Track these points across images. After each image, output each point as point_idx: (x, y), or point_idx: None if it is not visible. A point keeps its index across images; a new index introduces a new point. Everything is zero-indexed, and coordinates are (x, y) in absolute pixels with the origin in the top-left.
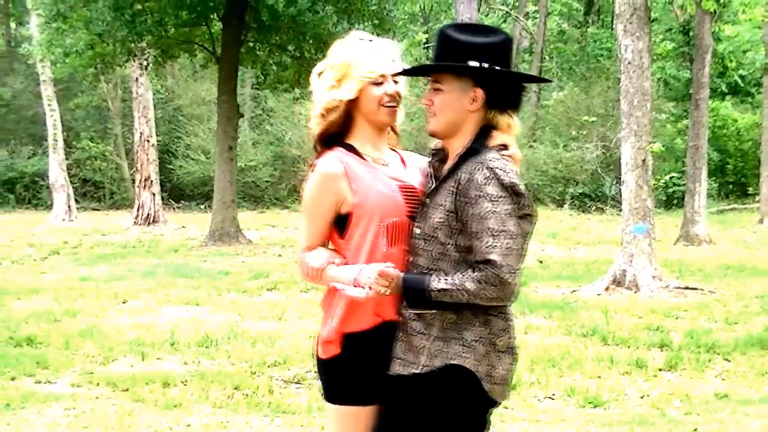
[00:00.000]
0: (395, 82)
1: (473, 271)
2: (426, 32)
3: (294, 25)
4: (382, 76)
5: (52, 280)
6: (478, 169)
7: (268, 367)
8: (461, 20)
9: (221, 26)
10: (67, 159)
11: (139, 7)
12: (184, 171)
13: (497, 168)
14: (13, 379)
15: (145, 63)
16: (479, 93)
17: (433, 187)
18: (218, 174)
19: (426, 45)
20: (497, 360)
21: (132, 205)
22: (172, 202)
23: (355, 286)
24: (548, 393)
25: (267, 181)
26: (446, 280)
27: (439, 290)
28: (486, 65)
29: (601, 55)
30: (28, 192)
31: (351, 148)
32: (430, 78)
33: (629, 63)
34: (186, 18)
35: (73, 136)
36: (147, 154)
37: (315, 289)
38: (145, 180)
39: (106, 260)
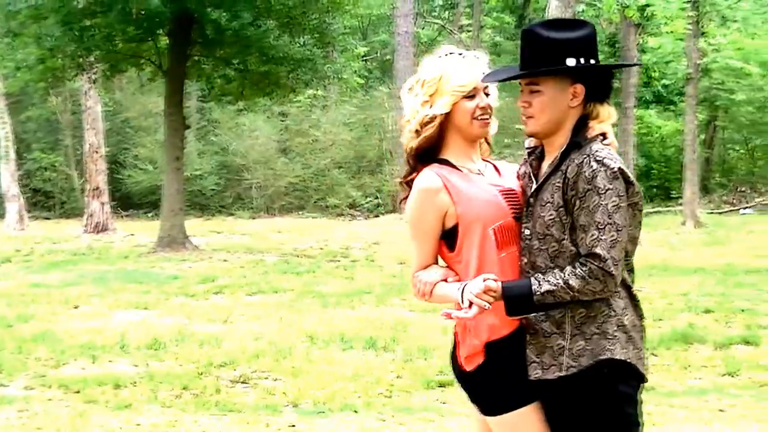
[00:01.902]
0: (486, 94)
1: (577, 267)
2: (365, 46)
3: (237, 39)
4: (474, 89)
5: (5, 287)
6: (586, 162)
7: (215, 367)
8: (403, 33)
9: (168, 41)
10: (18, 170)
11: (88, 23)
12: (133, 180)
13: (605, 158)
14: None
15: (94, 77)
16: (580, 89)
17: (537, 185)
18: (166, 183)
19: (365, 58)
20: (635, 339)
21: (82, 214)
22: (121, 210)
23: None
24: None
25: (212, 190)
26: (548, 281)
27: (544, 293)
28: (583, 61)
29: None
30: None
31: (446, 162)
32: (522, 81)
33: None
34: (133, 33)
35: (24, 148)
36: (96, 165)
37: (261, 292)
38: (95, 189)
39: (58, 267)
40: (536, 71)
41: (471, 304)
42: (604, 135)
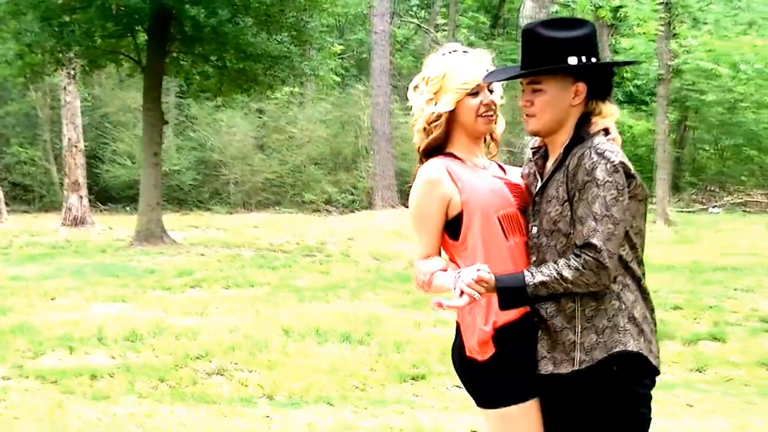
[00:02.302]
0: (490, 91)
1: (571, 258)
2: (342, 44)
3: (215, 36)
4: (478, 86)
5: None
6: (587, 155)
7: (192, 359)
8: (380, 32)
9: (146, 37)
10: None
11: (67, 18)
12: (111, 175)
13: (606, 151)
14: None
15: (73, 72)
16: (582, 87)
17: (542, 183)
18: (144, 178)
19: (341, 56)
20: (646, 331)
21: (60, 207)
22: (100, 204)
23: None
24: (456, 382)
25: (190, 185)
26: (541, 272)
27: (537, 284)
28: (584, 59)
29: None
30: None
31: (451, 155)
32: (524, 80)
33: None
34: (112, 29)
35: (3, 142)
36: (75, 159)
37: (238, 286)
38: (73, 183)
39: (36, 260)
40: (538, 70)
41: (462, 293)
42: (606, 130)
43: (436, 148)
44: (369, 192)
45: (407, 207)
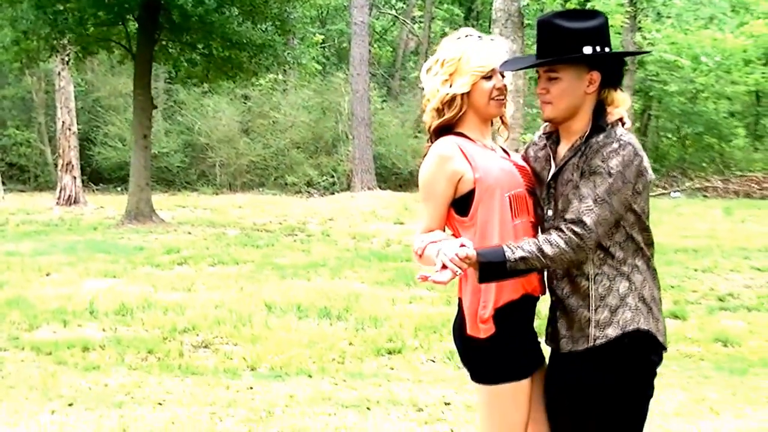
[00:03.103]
0: (502, 75)
1: (553, 233)
2: (323, 34)
3: (202, 25)
4: (492, 70)
5: None
6: (608, 144)
7: (179, 333)
8: (359, 23)
9: (137, 26)
10: None
11: (61, 7)
12: (103, 157)
13: (627, 144)
14: None
15: (66, 58)
16: (596, 76)
17: (558, 167)
18: (134, 160)
19: (323, 45)
20: (654, 310)
21: (55, 187)
22: (92, 184)
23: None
24: (430, 356)
25: (178, 167)
26: (521, 248)
27: (516, 259)
28: (599, 49)
29: None
30: None
31: (462, 135)
32: (540, 68)
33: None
34: (104, 18)
35: (0, 124)
36: (68, 141)
37: (223, 263)
38: (67, 164)
39: (31, 237)
40: (556, 59)
41: (444, 266)
42: (621, 120)
43: (446, 128)
44: (348, 175)
45: (384, 189)
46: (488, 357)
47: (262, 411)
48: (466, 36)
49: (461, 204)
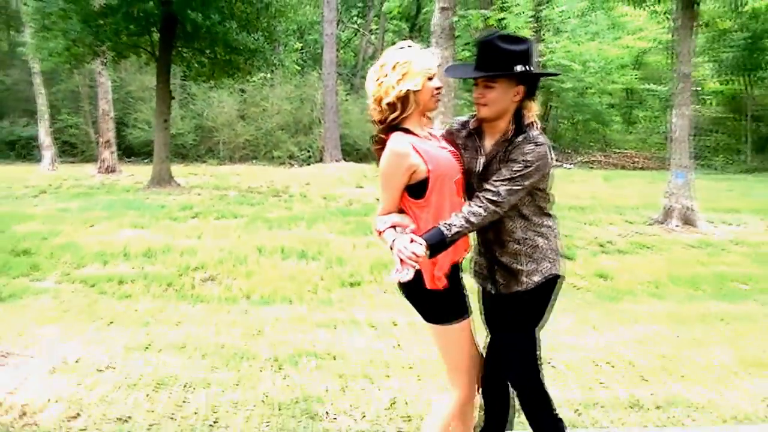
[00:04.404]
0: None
1: (474, 204)
2: (301, 42)
3: (209, 34)
4: (433, 73)
5: (41, 211)
6: (526, 142)
7: (191, 270)
8: (329, 34)
9: (159, 35)
10: (51, 127)
11: (101, 21)
12: (133, 136)
13: (541, 144)
14: (15, 278)
15: (105, 60)
16: (522, 89)
17: (487, 159)
18: (157, 138)
19: (301, 51)
20: (560, 257)
21: (97, 159)
22: (125, 157)
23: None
24: (382, 288)
25: (191, 144)
26: (453, 224)
27: (453, 234)
28: (526, 68)
29: None
30: (25, 150)
31: (407, 131)
32: (478, 80)
33: (438, 66)
34: (134, 29)
35: (55, 112)
36: (107, 124)
37: (225, 217)
38: (106, 142)
39: (79, 197)
40: (496, 74)
41: (402, 262)
42: (533, 123)
43: (394, 121)
44: (321, 150)
45: (348, 161)
46: (444, 303)
47: (255, 329)
48: (409, 46)
49: (415, 189)
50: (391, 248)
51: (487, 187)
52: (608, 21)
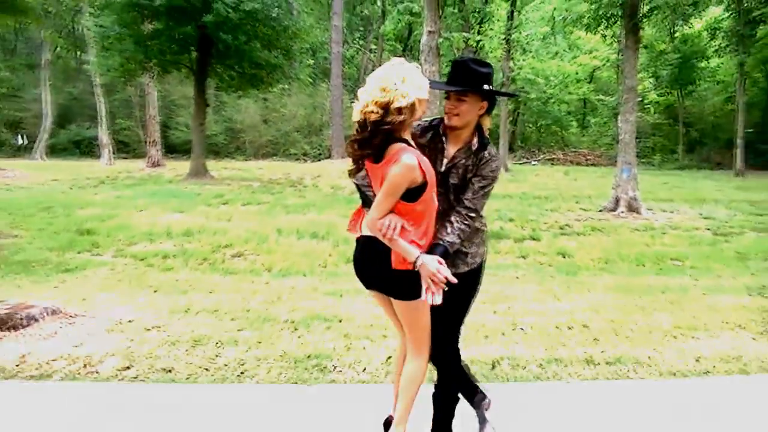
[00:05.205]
0: None
1: (460, 221)
2: (312, 59)
3: (237, 53)
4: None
5: (101, 198)
6: (491, 160)
7: (222, 247)
8: (336, 53)
9: (196, 54)
10: (109, 129)
11: (149, 43)
12: (175, 136)
13: (497, 159)
14: (79, 252)
15: (152, 75)
16: (485, 104)
17: (450, 164)
18: (194, 138)
19: (313, 67)
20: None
21: (145, 156)
22: (168, 154)
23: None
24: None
25: (222, 143)
26: (451, 241)
27: (453, 249)
28: (490, 87)
29: None
30: (87, 148)
31: (407, 142)
32: (451, 93)
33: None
34: (176, 49)
35: (112, 117)
36: (154, 127)
37: (250, 204)
38: (153, 141)
39: (131, 187)
40: (471, 89)
41: (433, 284)
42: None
43: (390, 132)
44: (329, 148)
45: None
46: (412, 281)
47: (275, 296)
48: (401, 62)
49: (409, 194)
50: (414, 265)
51: (466, 204)
52: (566, 43)
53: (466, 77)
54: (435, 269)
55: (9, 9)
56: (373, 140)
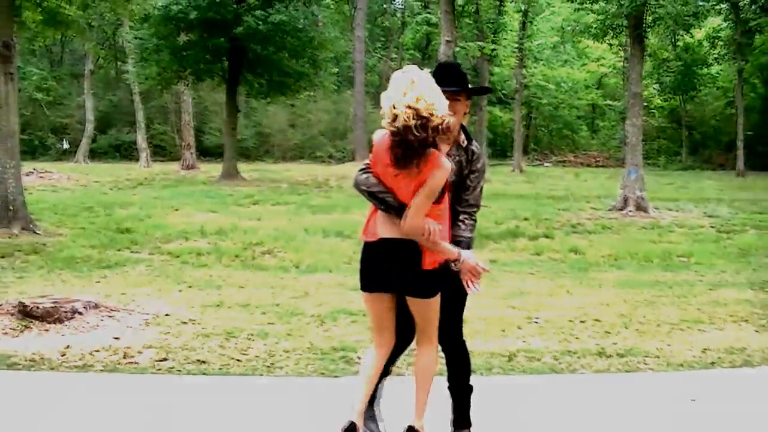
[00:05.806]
0: None
1: (468, 219)
2: (336, 68)
3: (266, 62)
4: None
5: (139, 198)
6: (477, 151)
7: (253, 245)
8: (358, 62)
9: (228, 63)
10: (146, 134)
11: (185, 53)
12: (209, 141)
13: (482, 153)
14: (118, 250)
15: (187, 83)
16: (469, 103)
17: (452, 160)
18: (226, 142)
19: (337, 74)
20: None
21: (180, 158)
22: (202, 157)
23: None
24: None
25: (252, 146)
26: (469, 237)
27: (471, 241)
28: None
29: None
30: (126, 152)
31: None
32: (447, 94)
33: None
34: (210, 59)
35: (150, 122)
36: (188, 132)
37: (279, 204)
38: (187, 145)
39: (167, 188)
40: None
41: (473, 279)
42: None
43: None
44: (353, 151)
45: None
46: (437, 280)
47: (302, 292)
48: (418, 70)
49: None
50: (456, 262)
51: (470, 202)
52: (575, 51)
53: (458, 79)
54: (475, 262)
55: (55, 23)
56: (420, 150)
